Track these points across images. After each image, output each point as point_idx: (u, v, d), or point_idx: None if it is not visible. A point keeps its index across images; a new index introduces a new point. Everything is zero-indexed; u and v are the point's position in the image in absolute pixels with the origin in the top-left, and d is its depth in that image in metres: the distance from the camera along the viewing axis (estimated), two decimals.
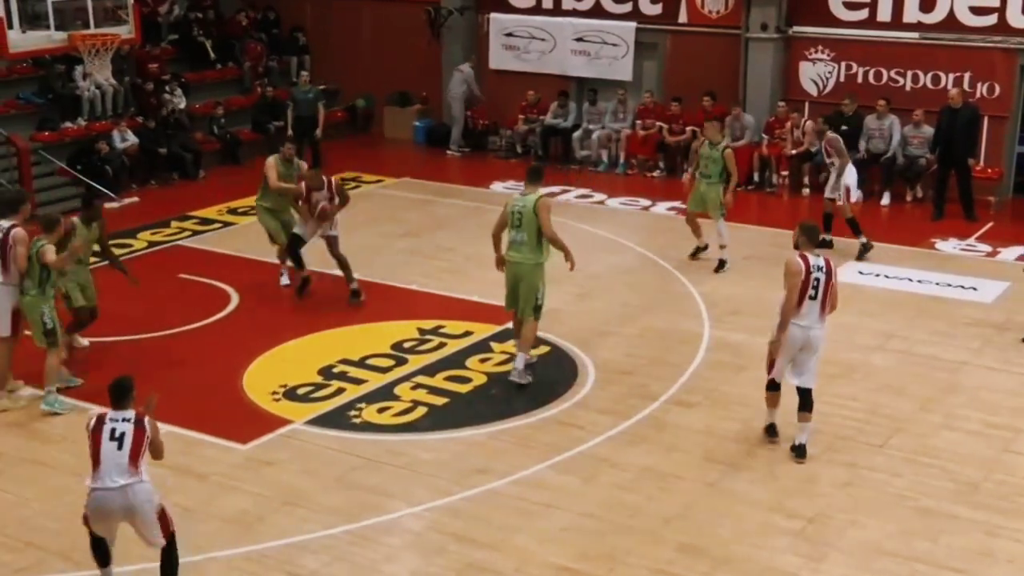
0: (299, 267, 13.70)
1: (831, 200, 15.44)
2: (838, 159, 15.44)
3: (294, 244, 13.52)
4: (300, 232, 13.44)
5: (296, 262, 13.67)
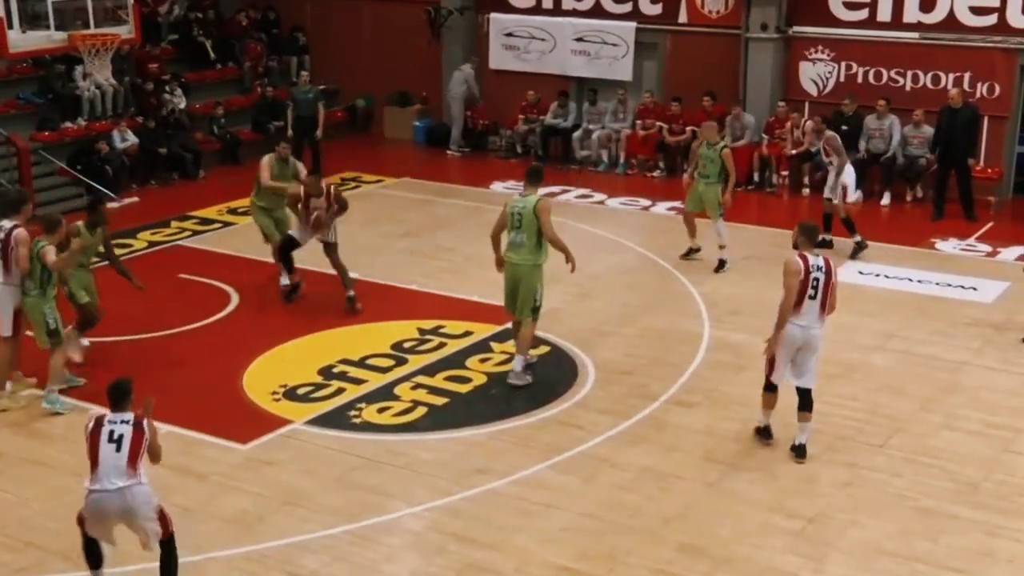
0: (288, 271, 13.55)
1: (830, 200, 15.45)
2: (837, 158, 15.43)
3: (287, 246, 13.39)
4: (296, 235, 13.31)
5: (286, 264, 13.50)
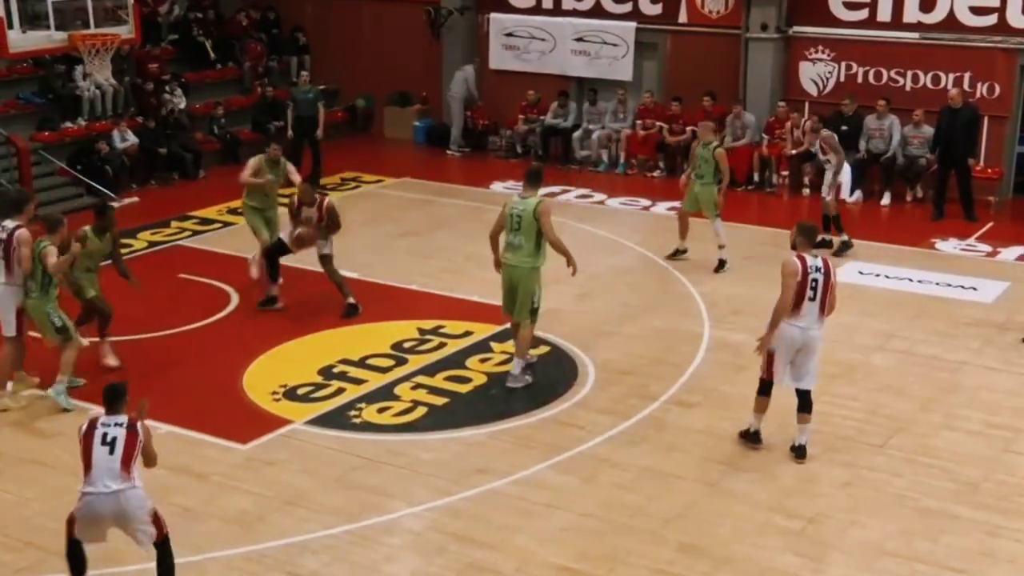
0: (272, 277, 13.35)
1: (826, 199, 15.45)
2: (834, 156, 15.44)
3: (276, 251, 13.25)
4: (286, 240, 13.15)
5: (271, 269, 13.32)
